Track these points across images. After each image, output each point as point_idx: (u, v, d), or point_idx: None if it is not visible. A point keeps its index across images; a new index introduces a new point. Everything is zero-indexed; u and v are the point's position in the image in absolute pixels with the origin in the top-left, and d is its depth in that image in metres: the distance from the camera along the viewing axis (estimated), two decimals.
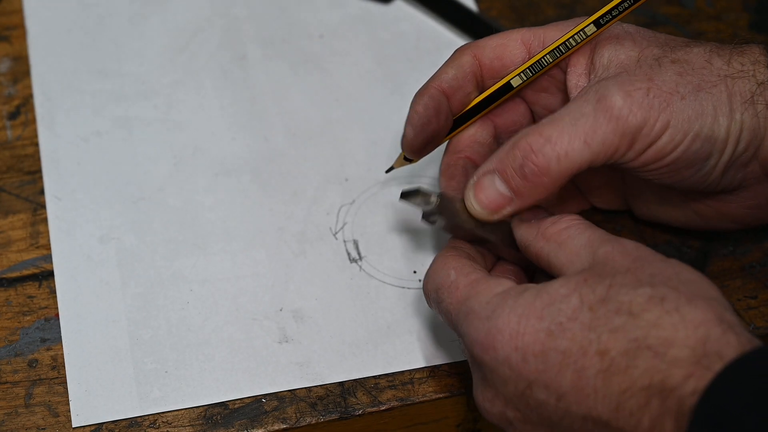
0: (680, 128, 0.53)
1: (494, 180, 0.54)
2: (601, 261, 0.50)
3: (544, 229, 0.53)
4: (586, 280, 0.49)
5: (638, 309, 0.47)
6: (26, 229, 0.64)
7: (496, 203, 0.55)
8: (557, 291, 0.49)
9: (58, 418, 0.57)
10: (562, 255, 0.52)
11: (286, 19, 0.75)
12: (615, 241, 0.51)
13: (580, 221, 0.53)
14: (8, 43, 0.72)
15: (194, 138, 0.68)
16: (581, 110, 0.53)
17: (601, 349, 0.47)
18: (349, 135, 0.69)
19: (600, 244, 0.51)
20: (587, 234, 0.52)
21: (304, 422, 0.58)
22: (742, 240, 0.66)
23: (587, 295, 0.48)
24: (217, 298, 0.62)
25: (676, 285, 0.48)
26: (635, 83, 0.53)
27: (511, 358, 0.49)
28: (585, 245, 0.51)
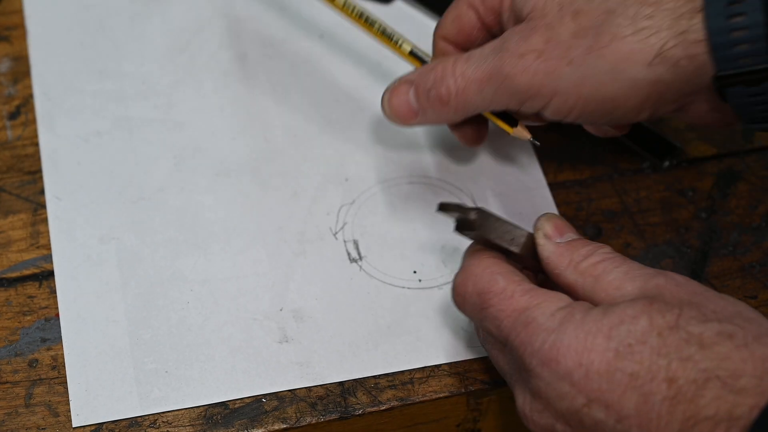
0: (569, 95, 0.55)
1: (409, 91, 0.61)
2: (655, 292, 0.50)
3: (576, 263, 0.53)
4: (652, 303, 0.49)
5: (709, 341, 0.47)
6: (26, 229, 0.64)
7: (404, 111, 0.61)
8: (625, 311, 0.49)
9: (58, 418, 0.57)
10: (600, 289, 0.51)
11: (286, 19, 0.75)
12: (664, 274, 0.51)
13: (613, 256, 0.53)
14: (8, 43, 0.72)
15: (194, 138, 0.68)
16: (486, 56, 0.57)
17: (670, 376, 0.47)
18: (349, 135, 0.69)
19: (646, 276, 0.51)
20: (624, 267, 0.52)
21: (304, 422, 0.58)
22: (742, 240, 0.66)
23: (657, 319, 0.48)
24: (217, 298, 0.62)
25: (741, 323, 0.48)
26: (531, 43, 0.55)
27: (574, 373, 0.48)
28: (624, 278, 0.51)
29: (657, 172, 0.69)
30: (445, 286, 0.63)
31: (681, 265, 0.65)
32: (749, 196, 0.68)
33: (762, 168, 0.69)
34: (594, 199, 0.67)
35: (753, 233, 0.66)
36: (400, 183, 0.67)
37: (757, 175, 0.69)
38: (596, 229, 0.66)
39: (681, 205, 0.67)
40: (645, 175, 0.68)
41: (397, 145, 0.69)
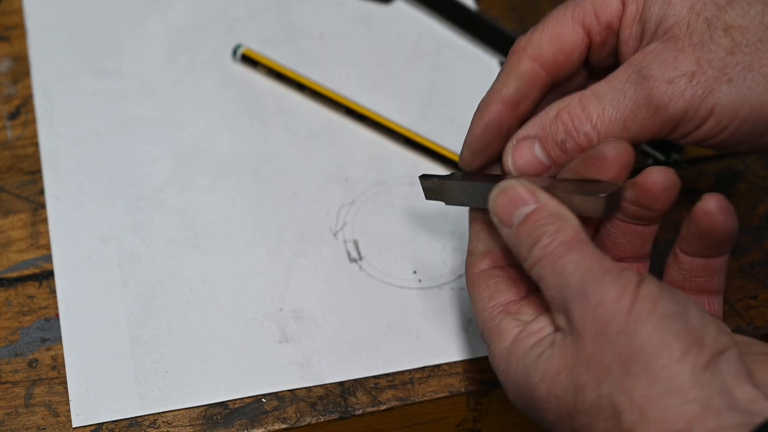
0: (726, 114, 0.50)
1: (534, 146, 0.53)
2: (572, 334, 0.47)
3: (523, 260, 0.49)
4: (559, 374, 0.47)
5: (602, 427, 0.45)
6: (26, 229, 0.64)
7: (534, 171, 0.53)
8: (539, 389, 0.48)
9: (58, 418, 0.57)
10: (545, 298, 0.49)
11: (286, 19, 0.75)
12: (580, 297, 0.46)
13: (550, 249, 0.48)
14: (8, 43, 0.72)
15: (194, 138, 0.68)
16: (624, 90, 0.51)
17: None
18: (349, 135, 0.69)
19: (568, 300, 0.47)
20: (556, 277, 0.47)
21: (304, 422, 0.58)
22: (742, 240, 0.66)
23: (562, 398, 0.47)
24: (217, 298, 0.62)
25: (629, 388, 0.45)
26: (679, 66, 0.50)
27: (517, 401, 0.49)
28: (556, 295, 0.47)
29: None
30: (444, 286, 0.63)
31: None
32: (749, 196, 0.68)
33: (762, 168, 0.69)
34: None
35: (753, 233, 0.66)
36: (400, 183, 0.67)
37: (757, 175, 0.69)
38: None
39: (681, 205, 0.67)
40: None
41: (397, 146, 0.69)
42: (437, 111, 0.71)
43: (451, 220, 0.66)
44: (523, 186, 0.50)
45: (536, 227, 0.48)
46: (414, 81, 0.72)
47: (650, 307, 0.44)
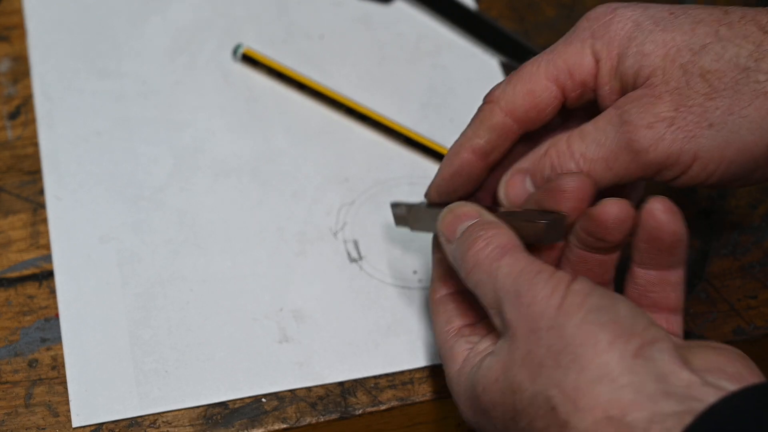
0: (711, 158, 0.50)
1: (525, 180, 0.54)
2: (507, 335, 0.48)
3: (460, 269, 0.50)
4: (497, 381, 0.48)
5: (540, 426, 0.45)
6: (26, 229, 0.64)
7: (523, 201, 0.54)
8: (484, 399, 0.48)
9: (58, 418, 0.57)
10: (483, 305, 0.49)
11: (286, 19, 0.75)
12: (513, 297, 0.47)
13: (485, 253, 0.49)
14: (8, 43, 0.72)
15: (194, 138, 0.68)
16: (606, 132, 0.51)
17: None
18: (349, 135, 0.69)
19: (503, 302, 0.48)
20: (492, 281, 0.48)
21: (304, 422, 0.58)
22: (742, 240, 0.66)
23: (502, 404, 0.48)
24: (217, 298, 0.62)
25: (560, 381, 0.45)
26: (659, 112, 0.50)
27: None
28: (493, 298, 0.48)
29: None
30: None
31: None
32: (749, 196, 0.68)
33: None
34: None
35: (753, 233, 0.66)
36: (400, 183, 0.67)
37: None
38: None
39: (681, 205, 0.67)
40: None
41: (397, 146, 0.69)
42: (437, 111, 0.71)
43: None
44: (469, 205, 0.52)
45: (473, 234, 0.50)
46: (414, 81, 0.72)
47: (579, 301, 0.45)
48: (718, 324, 0.62)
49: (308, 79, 0.70)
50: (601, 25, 0.53)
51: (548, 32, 0.75)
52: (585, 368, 0.44)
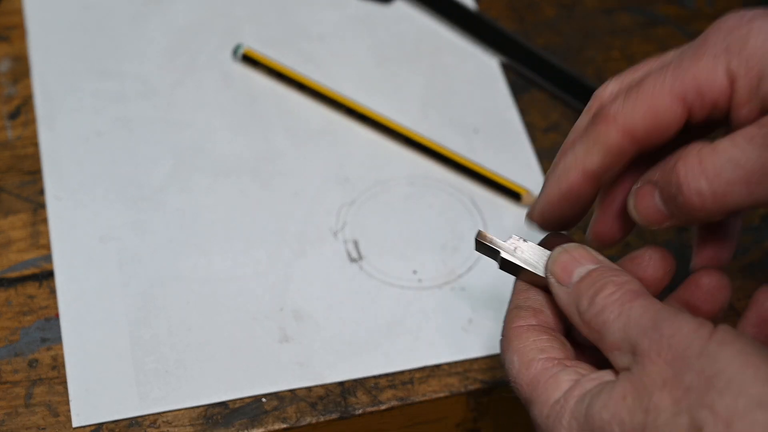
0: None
1: (654, 194, 0.49)
2: (640, 363, 0.45)
3: (582, 313, 0.47)
4: (624, 399, 0.44)
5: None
6: (26, 229, 0.64)
7: (654, 218, 0.49)
8: (600, 415, 0.45)
9: (58, 418, 0.57)
10: (605, 346, 0.46)
11: (286, 19, 0.75)
12: (651, 331, 0.45)
13: (614, 298, 0.46)
14: (8, 43, 0.72)
15: (194, 138, 0.68)
16: (746, 151, 0.45)
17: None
18: (349, 135, 0.69)
19: (637, 337, 0.45)
20: (623, 319, 0.45)
21: (304, 422, 0.58)
22: (742, 240, 0.66)
23: (626, 423, 0.44)
24: (217, 298, 0.62)
25: (714, 403, 0.42)
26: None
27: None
28: (622, 336, 0.45)
29: None
30: (445, 286, 0.63)
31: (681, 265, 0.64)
32: None
33: None
34: None
35: (753, 233, 0.66)
36: (400, 183, 0.67)
37: None
38: None
39: None
40: None
41: (397, 146, 0.69)
42: (437, 111, 0.71)
43: (452, 220, 0.66)
44: (586, 248, 0.49)
45: (601, 279, 0.47)
46: (414, 81, 0.72)
47: (731, 338, 0.43)
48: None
49: (308, 79, 0.70)
50: (737, 38, 0.47)
51: (548, 32, 0.75)
52: (743, 393, 0.42)
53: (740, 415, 0.41)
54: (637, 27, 0.75)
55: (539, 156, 0.69)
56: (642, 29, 0.75)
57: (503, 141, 0.69)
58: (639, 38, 0.75)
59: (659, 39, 0.75)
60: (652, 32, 0.75)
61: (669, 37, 0.75)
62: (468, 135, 0.70)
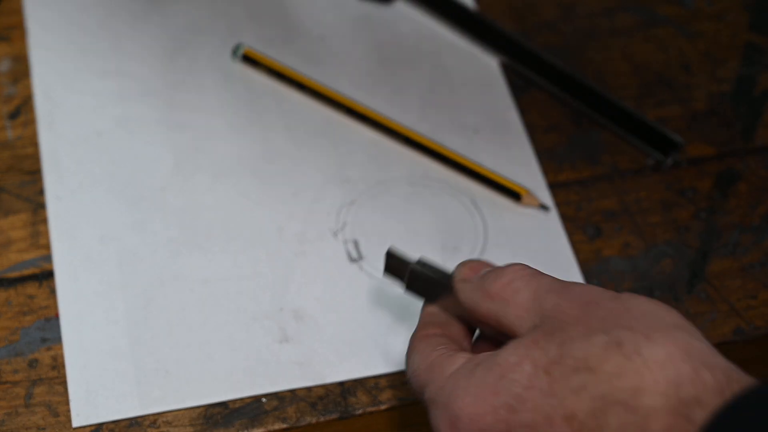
0: None
1: None
2: (549, 315, 0.47)
3: (487, 286, 0.49)
4: (536, 341, 0.46)
5: (596, 361, 0.43)
6: (26, 229, 0.64)
7: None
8: (507, 360, 0.46)
9: (58, 417, 0.57)
10: (511, 314, 0.48)
11: (286, 19, 0.75)
12: (562, 290, 0.47)
13: (524, 271, 0.49)
14: (8, 43, 0.72)
15: (194, 138, 0.68)
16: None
17: (567, 413, 0.44)
18: (349, 135, 0.69)
19: (546, 295, 0.47)
20: (533, 286, 0.48)
21: (305, 422, 0.58)
22: (742, 240, 0.66)
23: (540, 358, 0.45)
24: (217, 298, 0.62)
25: (629, 323, 0.44)
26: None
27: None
28: (532, 298, 0.48)
29: (657, 172, 0.69)
30: None
31: (681, 265, 0.65)
32: (749, 196, 0.68)
33: (762, 168, 0.69)
34: (594, 199, 0.67)
35: (753, 233, 0.66)
36: (400, 183, 0.67)
37: (757, 175, 0.69)
38: (596, 230, 0.66)
39: (681, 205, 0.67)
40: (645, 175, 0.68)
41: (397, 146, 0.69)
42: (437, 111, 0.71)
43: (452, 220, 0.66)
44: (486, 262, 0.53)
45: (501, 269, 0.50)
46: (414, 81, 0.72)
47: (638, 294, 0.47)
48: (718, 324, 0.62)
49: (308, 79, 0.70)
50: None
51: (548, 32, 0.75)
52: (660, 319, 0.44)
53: (661, 332, 0.43)
54: (637, 27, 0.75)
55: (539, 156, 0.69)
56: (642, 29, 0.75)
57: (503, 141, 0.69)
58: (639, 38, 0.75)
59: (659, 39, 0.75)
60: (652, 32, 0.75)
61: (669, 37, 0.75)
62: (468, 135, 0.70)
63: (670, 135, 0.69)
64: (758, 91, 0.73)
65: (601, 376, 0.43)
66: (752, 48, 0.75)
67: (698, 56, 0.74)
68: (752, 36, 0.75)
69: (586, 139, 0.69)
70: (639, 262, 0.64)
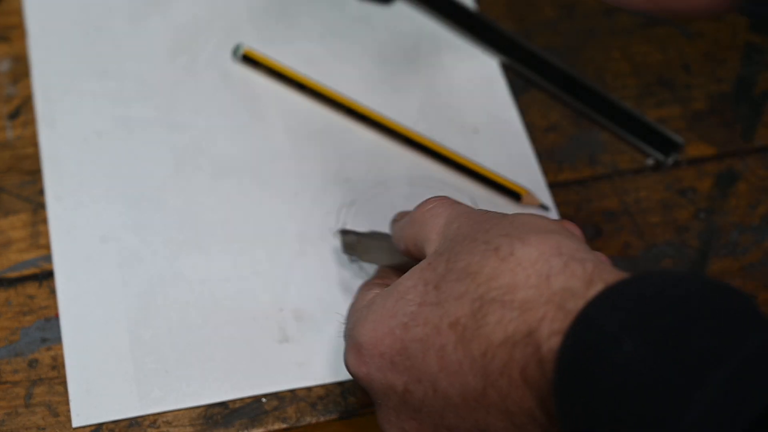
0: None
1: None
2: (450, 238, 0.49)
3: (412, 213, 0.53)
4: (430, 263, 0.48)
5: (476, 268, 0.45)
6: (26, 229, 0.64)
7: None
8: (404, 284, 0.48)
9: (58, 418, 0.57)
10: (424, 236, 0.51)
11: (286, 19, 0.75)
12: (469, 214, 0.50)
13: (445, 199, 0.52)
14: (8, 43, 0.72)
15: (194, 138, 0.68)
16: None
17: (452, 320, 0.45)
18: (349, 135, 0.69)
19: (455, 220, 0.50)
20: (448, 211, 0.51)
21: (304, 422, 0.58)
22: (742, 240, 0.66)
23: (430, 276, 0.47)
24: (217, 298, 0.62)
25: (509, 231, 0.46)
26: None
27: (381, 366, 0.48)
28: (444, 224, 0.50)
29: (657, 172, 0.69)
30: None
31: (681, 265, 0.65)
32: (749, 196, 0.68)
33: (762, 168, 0.69)
34: (594, 199, 0.67)
35: (753, 233, 0.66)
36: (400, 184, 0.67)
37: (757, 175, 0.69)
38: (596, 229, 0.66)
39: (681, 205, 0.67)
40: (645, 175, 0.68)
41: (397, 146, 0.69)
42: (437, 111, 0.71)
43: None
44: None
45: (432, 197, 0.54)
46: (414, 81, 0.72)
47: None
48: None
49: (308, 79, 0.70)
50: None
51: (548, 32, 0.75)
52: (539, 226, 0.46)
53: (536, 234, 0.45)
54: (637, 27, 0.75)
55: (539, 156, 0.69)
56: (642, 29, 0.75)
57: (503, 141, 0.69)
58: (639, 38, 0.75)
59: (659, 39, 0.75)
60: (652, 32, 0.75)
61: (669, 37, 0.75)
62: (468, 135, 0.70)
63: (670, 135, 0.69)
64: (758, 91, 0.73)
65: (479, 279, 0.45)
66: (752, 48, 0.75)
67: (698, 56, 0.74)
68: (752, 36, 0.75)
69: (586, 139, 0.69)
70: (639, 263, 0.64)
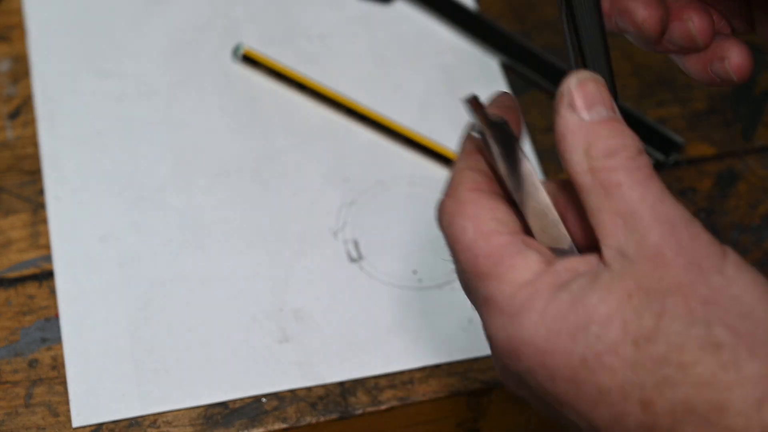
0: None
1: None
2: (649, 256, 0.41)
3: (592, 157, 0.42)
4: (630, 296, 0.41)
5: (690, 359, 0.40)
6: (26, 229, 0.64)
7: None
8: (596, 309, 0.41)
9: (58, 418, 0.57)
10: (606, 212, 0.42)
11: (286, 19, 0.75)
12: (667, 225, 0.42)
13: (637, 165, 0.42)
14: (8, 43, 0.72)
15: (194, 138, 0.68)
16: None
17: (645, 399, 0.41)
18: (349, 135, 0.69)
19: (650, 221, 0.42)
20: (639, 191, 0.42)
21: (304, 422, 0.58)
22: (742, 240, 0.66)
23: (631, 324, 0.41)
24: (217, 298, 0.62)
25: (734, 323, 0.40)
26: None
27: (538, 373, 0.42)
28: (631, 209, 0.42)
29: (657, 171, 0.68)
30: (445, 286, 0.63)
31: None
32: (749, 196, 0.68)
33: (762, 168, 0.69)
34: None
35: (753, 233, 0.66)
36: (400, 183, 0.67)
37: (757, 175, 0.69)
38: None
39: None
40: None
41: (397, 146, 0.69)
42: (437, 111, 0.71)
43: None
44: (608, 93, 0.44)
45: (622, 135, 0.42)
46: (414, 81, 0.72)
47: (743, 264, 0.43)
48: None
49: (308, 79, 0.70)
50: None
51: (548, 32, 0.75)
52: (763, 325, 0.40)
53: (763, 342, 0.39)
54: None
55: (539, 156, 0.69)
56: None
57: None
58: None
59: None
60: None
61: None
62: None
63: (670, 135, 0.70)
64: (758, 91, 0.73)
65: (689, 377, 0.40)
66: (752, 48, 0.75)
67: None
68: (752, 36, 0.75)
69: None
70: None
